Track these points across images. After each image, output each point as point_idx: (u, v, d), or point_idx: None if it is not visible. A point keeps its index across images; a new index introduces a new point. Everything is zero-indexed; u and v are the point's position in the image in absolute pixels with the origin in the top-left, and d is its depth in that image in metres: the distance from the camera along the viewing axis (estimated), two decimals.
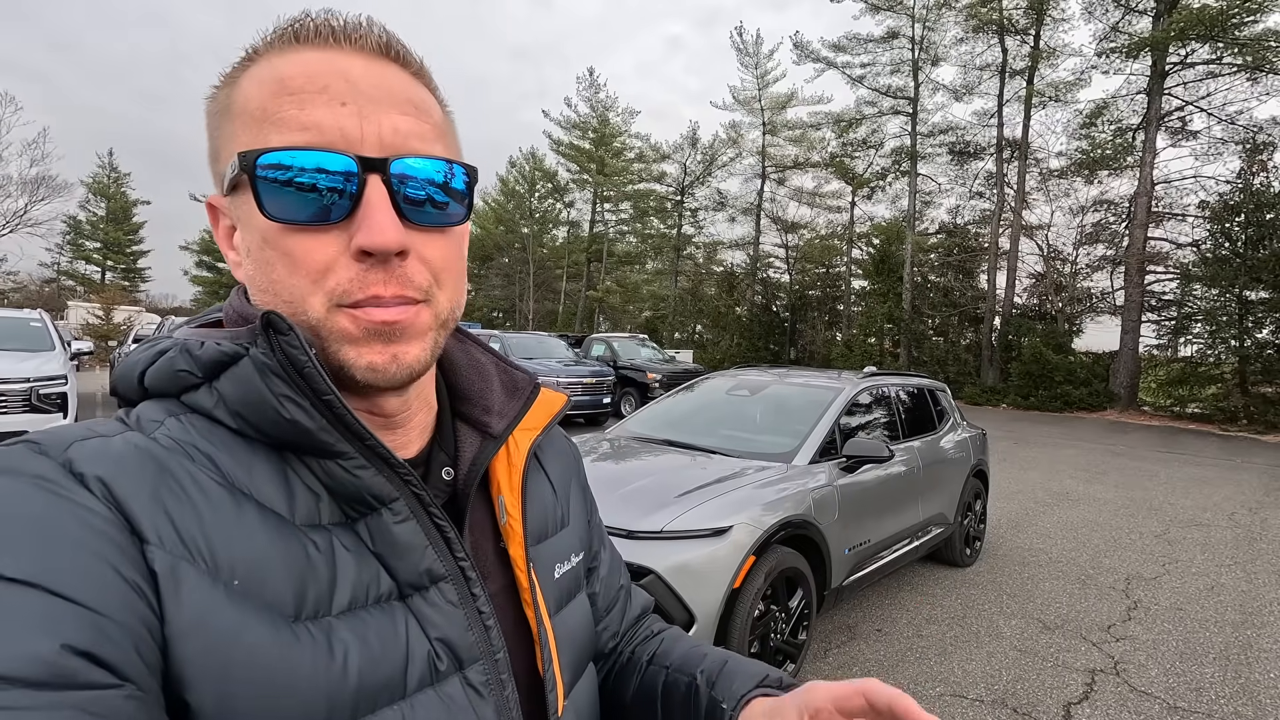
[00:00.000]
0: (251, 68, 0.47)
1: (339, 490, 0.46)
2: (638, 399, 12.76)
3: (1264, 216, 16.42)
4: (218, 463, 0.44)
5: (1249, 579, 4.88)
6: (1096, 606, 4.25)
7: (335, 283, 0.45)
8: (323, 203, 0.44)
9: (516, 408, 0.61)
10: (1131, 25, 19.91)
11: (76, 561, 0.35)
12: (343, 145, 0.44)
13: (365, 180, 0.45)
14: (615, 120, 35.82)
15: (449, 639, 0.48)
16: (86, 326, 25.64)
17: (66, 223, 40.57)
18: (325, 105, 0.44)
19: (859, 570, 3.66)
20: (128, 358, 0.50)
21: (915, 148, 24.83)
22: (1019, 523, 6.30)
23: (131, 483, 0.39)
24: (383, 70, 0.47)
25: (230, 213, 0.49)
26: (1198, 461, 10.56)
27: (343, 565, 0.45)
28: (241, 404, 0.45)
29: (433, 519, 0.49)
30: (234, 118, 0.46)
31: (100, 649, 0.34)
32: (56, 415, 6.31)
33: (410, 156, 0.46)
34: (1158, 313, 20.61)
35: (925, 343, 24.28)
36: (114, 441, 0.42)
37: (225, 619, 0.39)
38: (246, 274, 0.48)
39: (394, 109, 0.46)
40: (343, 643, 0.43)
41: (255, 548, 0.42)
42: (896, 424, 4.53)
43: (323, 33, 0.46)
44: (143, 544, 0.38)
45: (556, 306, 41.42)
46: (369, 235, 0.44)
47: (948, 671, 3.31)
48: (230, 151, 0.46)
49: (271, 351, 0.44)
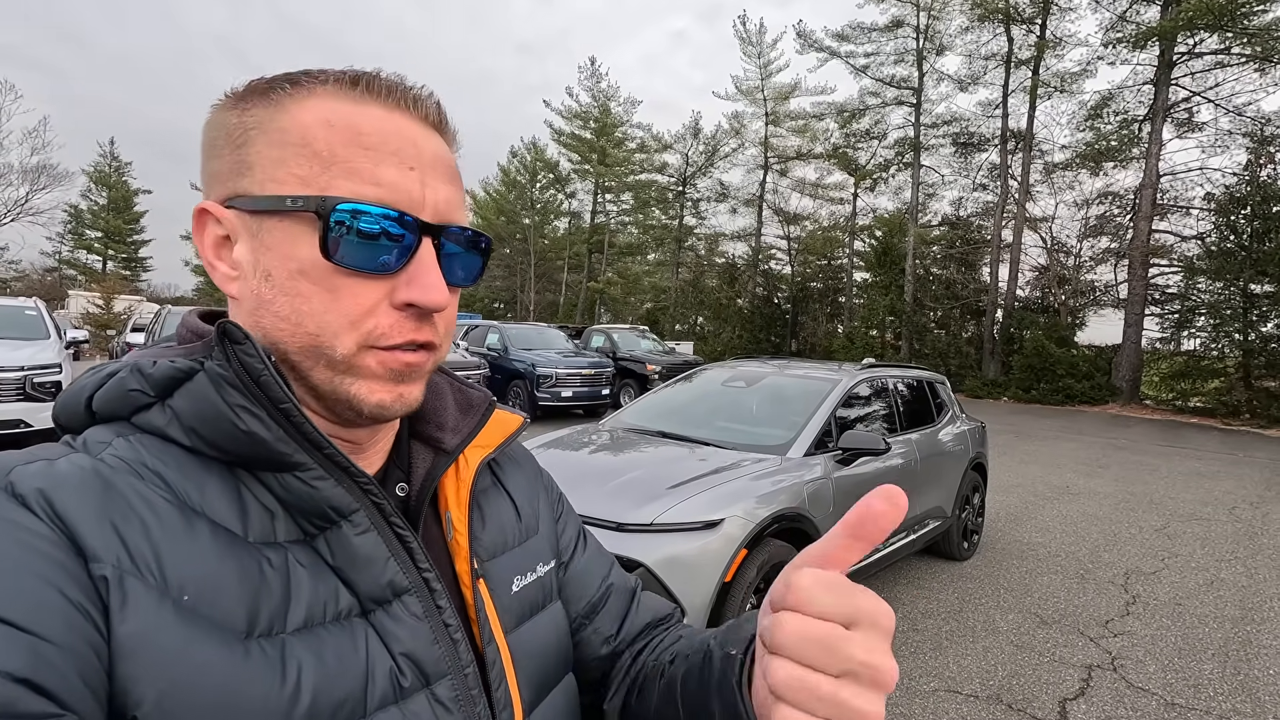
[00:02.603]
0: (309, 99, 0.47)
1: (297, 504, 0.46)
2: (637, 390, 12.72)
3: (1270, 209, 16.29)
4: (168, 480, 0.43)
5: (1249, 574, 4.84)
6: (1095, 601, 4.21)
7: (374, 325, 0.47)
8: (383, 255, 0.46)
9: (470, 425, 0.61)
10: (1139, 15, 19.69)
11: (17, 584, 0.34)
12: (408, 207, 0.47)
13: (420, 242, 0.48)
14: (617, 110, 35.61)
15: (413, 654, 0.47)
16: (87, 316, 25.66)
17: (68, 212, 40.54)
18: (396, 167, 0.47)
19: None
20: (73, 384, 0.49)
21: (919, 139, 24.64)
22: (1018, 516, 6.26)
23: (76, 500, 0.39)
24: (436, 141, 0.51)
25: (237, 228, 0.48)
26: (1199, 456, 10.51)
27: (297, 582, 0.44)
28: (196, 419, 0.44)
29: (394, 529, 0.49)
30: (284, 144, 0.46)
31: (40, 676, 0.33)
32: (51, 404, 6.27)
33: (455, 225, 0.50)
34: (1161, 306, 20.53)
35: (927, 335, 24.20)
36: (58, 464, 0.41)
37: (173, 636, 0.38)
38: (251, 291, 0.48)
39: (445, 179, 0.50)
40: (296, 660, 0.42)
41: (206, 565, 0.41)
42: (894, 416, 4.48)
43: (393, 94, 0.49)
44: (88, 561, 0.37)
45: (558, 297, 41.35)
46: (424, 293, 0.47)
47: (942, 666, 3.27)
48: (269, 176, 0.46)
49: (228, 361, 0.44)
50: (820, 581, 0.38)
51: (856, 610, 0.38)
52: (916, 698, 2.98)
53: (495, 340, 12.71)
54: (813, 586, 0.38)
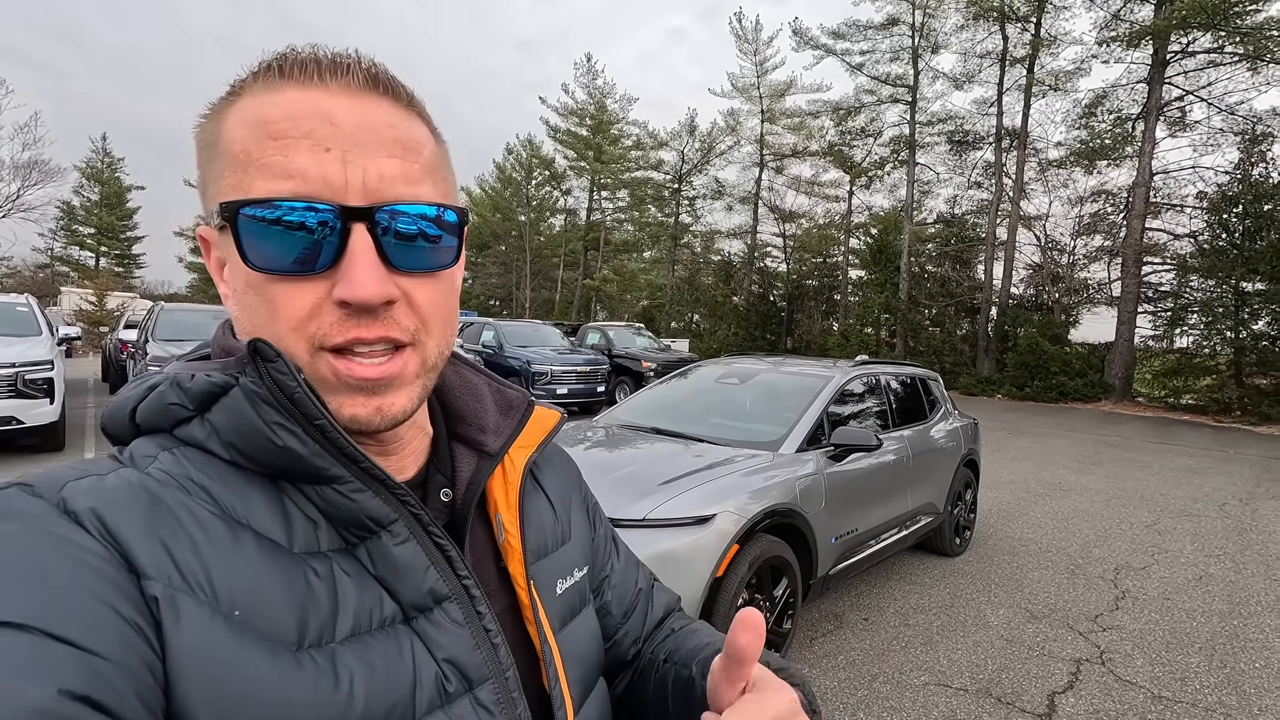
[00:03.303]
0: (237, 103, 0.45)
1: (336, 516, 0.46)
2: (633, 388, 12.73)
3: (1262, 208, 16.37)
4: (213, 494, 0.43)
5: (1237, 569, 4.89)
6: (1084, 596, 4.24)
7: (316, 327, 0.44)
8: (306, 253, 0.43)
9: (511, 426, 0.60)
10: (1133, 13, 19.73)
11: (72, 602, 0.35)
12: (326, 194, 0.43)
13: (349, 229, 0.44)
14: (613, 107, 35.55)
15: (456, 659, 0.48)
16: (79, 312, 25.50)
17: (60, 208, 40.26)
18: (309, 151, 0.43)
19: (846, 559, 3.65)
20: (119, 395, 0.49)
21: (914, 137, 24.68)
22: (1010, 513, 6.30)
23: (127, 517, 0.39)
24: (369, 107, 0.46)
25: (219, 249, 0.47)
26: (1191, 452, 10.58)
27: (344, 591, 0.45)
28: (234, 434, 0.44)
29: (433, 539, 0.49)
30: (219, 155, 0.45)
31: (97, 692, 0.33)
32: (43, 400, 6.26)
33: (395, 202, 0.45)
34: (1154, 304, 20.63)
35: (922, 333, 24.27)
36: (108, 479, 0.41)
37: (226, 650, 0.38)
38: (233, 311, 0.48)
39: (379, 151, 0.45)
40: (348, 669, 0.42)
41: (254, 578, 0.41)
42: (887, 413, 4.50)
43: (308, 69, 0.45)
44: (140, 579, 0.38)
45: (553, 295, 41.29)
46: (350, 289, 0.43)
47: (933, 660, 3.30)
48: (216, 191, 0.45)
49: (260, 379, 0.44)
50: (739, 710, 0.46)
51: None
52: (906, 691, 3.00)
53: (490, 337, 12.70)
54: (735, 714, 0.45)
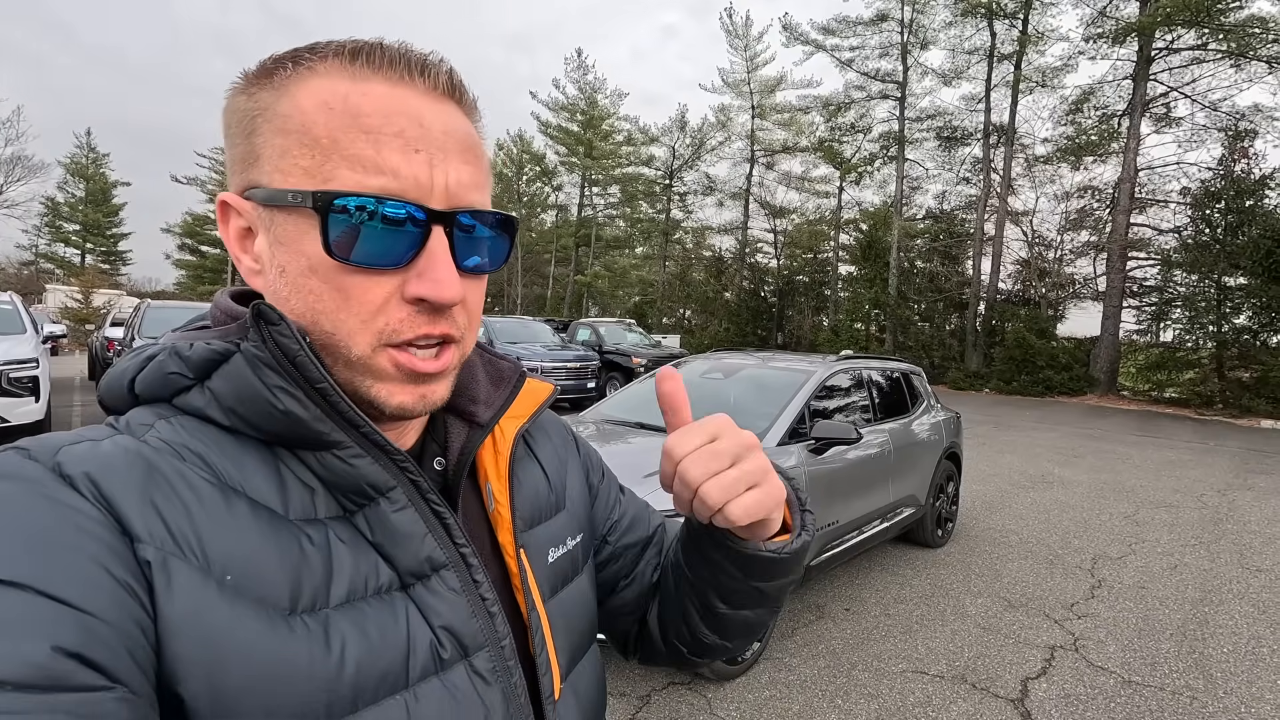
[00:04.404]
0: (309, 80, 0.45)
1: (335, 482, 0.46)
2: (623, 383, 12.75)
3: (1244, 203, 16.60)
4: (209, 461, 0.43)
5: (1211, 558, 5.00)
6: (1062, 585, 4.33)
7: (386, 322, 0.45)
8: (389, 248, 0.44)
9: (503, 397, 0.61)
10: (1119, 10, 19.90)
11: (67, 563, 0.35)
12: (415, 194, 0.44)
13: (430, 230, 0.45)
14: (604, 102, 35.47)
15: (452, 627, 0.48)
16: (65, 310, 25.24)
17: (44, 204, 39.84)
18: (400, 150, 0.44)
19: (827, 550, 3.71)
20: (115, 367, 0.49)
21: (903, 133, 24.78)
22: (993, 505, 6.40)
23: (120, 482, 0.39)
24: (448, 113, 0.47)
25: (255, 220, 0.47)
26: (1172, 445, 10.75)
27: (339, 558, 0.45)
28: (235, 400, 0.44)
29: (430, 506, 0.50)
30: (286, 131, 0.44)
31: (91, 650, 0.34)
32: (28, 399, 6.22)
33: (470, 209, 0.48)
34: (1139, 298, 20.87)
35: (911, 328, 24.42)
36: (103, 445, 0.42)
37: (218, 614, 0.39)
38: (270, 287, 0.47)
39: (458, 157, 0.47)
40: (340, 634, 0.43)
41: (247, 543, 0.42)
42: (870, 406, 4.57)
43: (396, 65, 0.45)
44: (133, 542, 0.38)
45: (545, 291, 41.24)
46: (434, 288, 0.45)
47: (911, 649, 3.37)
48: (280, 168, 0.45)
49: (263, 343, 0.44)
50: (679, 434, 0.54)
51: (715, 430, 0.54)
52: (885, 679, 3.07)
53: (480, 334, 12.62)
54: (677, 438, 0.54)
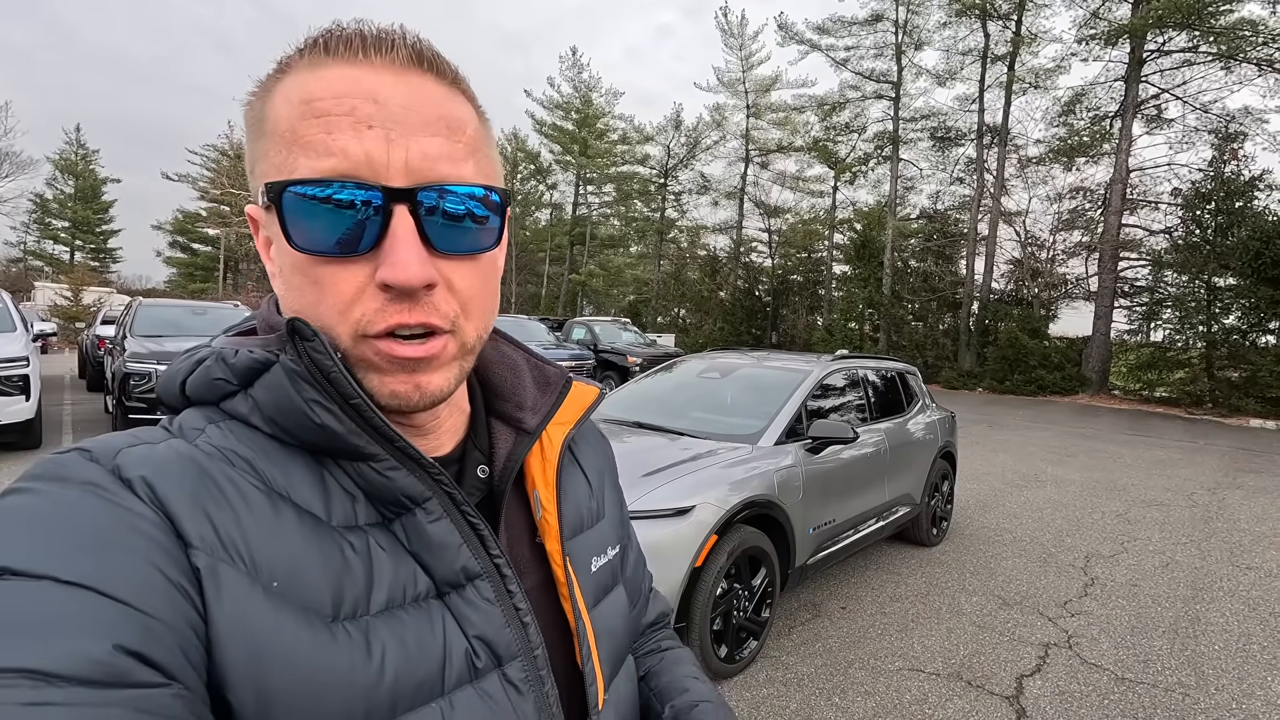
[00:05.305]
0: (283, 80, 0.45)
1: (373, 492, 0.47)
2: (619, 382, 12.77)
3: (1234, 204, 16.76)
4: (256, 467, 0.44)
5: (1202, 556, 5.04)
6: (1055, 583, 4.36)
7: (361, 313, 0.44)
8: (349, 234, 0.43)
9: (550, 403, 0.60)
10: (1111, 12, 20.02)
11: (127, 565, 0.36)
12: (369, 174, 0.43)
13: (392, 211, 0.43)
14: (599, 101, 35.43)
15: (486, 636, 0.49)
16: (54, 308, 25.01)
17: (33, 201, 39.46)
18: (352, 129, 0.43)
19: (823, 549, 3.73)
20: (169, 369, 0.51)
21: (897, 132, 24.88)
22: (987, 503, 6.44)
23: (175, 487, 0.40)
24: (413, 85, 0.45)
25: (267, 228, 0.48)
26: (1163, 444, 10.84)
27: (379, 565, 0.46)
28: (275, 410, 0.45)
29: (465, 517, 0.50)
30: (266, 135, 0.45)
31: (149, 649, 0.35)
32: (18, 398, 6.17)
33: (439, 183, 0.45)
34: (1130, 298, 21.05)
35: (904, 327, 24.53)
36: (159, 448, 0.43)
37: (264, 620, 0.40)
38: (278, 290, 0.49)
39: (423, 130, 0.45)
40: (380, 642, 0.43)
41: (293, 550, 0.42)
42: (866, 406, 4.59)
43: (352, 45, 0.45)
44: (187, 547, 0.39)
45: (539, 290, 41.17)
46: (392, 271, 0.43)
47: (907, 647, 3.39)
48: (263, 169, 0.45)
49: (299, 358, 0.45)
50: None
51: None
52: (880, 677, 3.09)
53: None
54: None
